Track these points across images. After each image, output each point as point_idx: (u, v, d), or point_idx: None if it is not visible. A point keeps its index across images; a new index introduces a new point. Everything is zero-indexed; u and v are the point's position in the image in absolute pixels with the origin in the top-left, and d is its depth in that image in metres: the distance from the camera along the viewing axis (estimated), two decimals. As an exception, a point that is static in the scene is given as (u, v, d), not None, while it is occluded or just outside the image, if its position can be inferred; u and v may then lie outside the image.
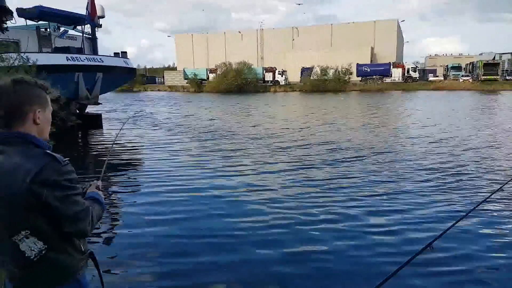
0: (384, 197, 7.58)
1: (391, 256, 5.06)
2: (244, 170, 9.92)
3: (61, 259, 1.63)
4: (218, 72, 68.23)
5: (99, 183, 2.05)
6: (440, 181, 8.59)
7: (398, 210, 6.81)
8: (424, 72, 71.12)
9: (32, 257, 1.57)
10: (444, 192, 7.79)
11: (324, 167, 10.10)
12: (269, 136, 15.55)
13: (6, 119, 1.57)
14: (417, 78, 63.62)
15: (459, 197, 7.44)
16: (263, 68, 71.66)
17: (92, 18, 19.04)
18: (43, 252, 1.58)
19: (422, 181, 8.57)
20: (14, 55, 9.77)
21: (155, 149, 13.26)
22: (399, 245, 5.42)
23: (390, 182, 8.62)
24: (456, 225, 2.70)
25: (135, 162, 11.75)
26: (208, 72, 72.61)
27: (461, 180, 8.61)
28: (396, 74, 63.58)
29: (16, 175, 1.49)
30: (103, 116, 20.80)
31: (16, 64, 9.59)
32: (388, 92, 52.98)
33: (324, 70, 63.56)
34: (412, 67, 64.76)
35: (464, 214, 2.71)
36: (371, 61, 74.66)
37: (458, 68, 66.75)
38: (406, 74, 63.34)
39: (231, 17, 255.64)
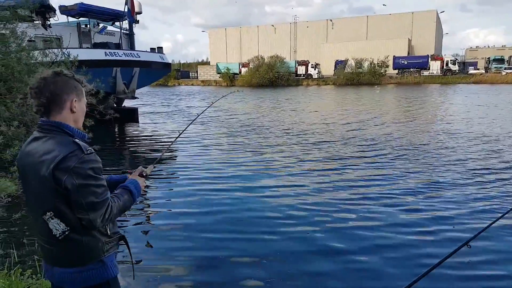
0: (421, 193, 7.39)
1: (426, 254, 4.96)
2: (277, 165, 9.88)
3: (85, 241, 1.73)
4: (250, 66, 68.31)
5: (148, 170, 2.13)
6: (480, 178, 8.29)
7: (435, 208, 6.62)
8: (464, 65, 68.09)
9: (58, 236, 1.69)
10: (483, 189, 7.52)
11: (359, 163, 9.92)
12: (303, 131, 15.42)
13: (47, 105, 1.73)
14: (457, 71, 60.78)
15: (499, 194, 7.16)
16: (295, 61, 71.06)
17: (132, 14, 19.53)
18: (66, 233, 1.70)
19: (460, 179, 8.29)
20: (57, 50, 10.18)
21: (191, 142, 13.42)
22: (435, 242, 5.31)
23: (427, 178, 8.41)
24: (495, 223, 2.63)
25: (171, 156, 12.01)
26: (240, 66, 72.88)
27: (502, 178, 8.26)
28: (435, 67, 61.08)
29: (45, 160, 1.63)
30: (144, 110, 21.34)
31: (58, 59, 9.98)
32: (426, 86, 51.21)
33: (359, 63, 62.24)
34: (451, 60, 61.86)
35: (504, 212, 2.62)
36: (408, 53, 72.22)
37: (500, 60, 63.27)
38: (445, 67, 60.68)
39: (265, 11, 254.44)
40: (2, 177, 5.35)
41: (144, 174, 2.06)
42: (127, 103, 21.44)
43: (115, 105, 18.37)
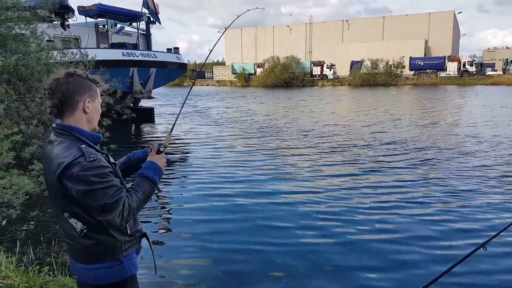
0: (438, 195, 7.29)
1: (442, 255, 4.91)
2: (294, 170, 9.66)
3: (102, 239, 1.74)
4: (265, 67, 68.29)
5: (166, 142, 2.11)
6: (497, 182, 8.12)
7: (452, 210, 6.54)
8: (481, 66, 66.62)
9: (78, 232, 1.72)
10: (500, 193, 7.36)
11: (379, 168, 9.69)
12: (320, 133, 15.26)
13: (60, 106, 1.73)
14: (474, 72, 59.41)
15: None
16: (311, 62, 70.76)
17: (156, 13, 19.71)
18: (84, 231, 1.72)
19: (478, 182, 8.15)
20: (75, 50, 10.32)
21: (209, 143, 13.43)
22: (451, 244, 5.25)
23: (446, 180, 8.27)
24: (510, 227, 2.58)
25: (190, 157, 12.06)
26: (255, 66, 72.94)
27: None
28: (452, 68, 60.02)
29: (54, 165, 1.65)
30: (164, 110, 21.48)
31: (76, 59, 10.12)
32: (442, 87, 50.39)
33: (374, 64, 61.64)
34: (468, 61, 60.47)
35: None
36: (424, 54, 71.27)
37: (518, 62, 61.79)
38: (462, 68, 59.57)
39: (280, 11, 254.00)
40: (21, 175, 5.41)
41: (162, 149, 2.00)
42: (144, 103, 21.65)
43: (131, 105, 18.56)
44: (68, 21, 16.64)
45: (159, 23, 20.73)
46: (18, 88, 7.48)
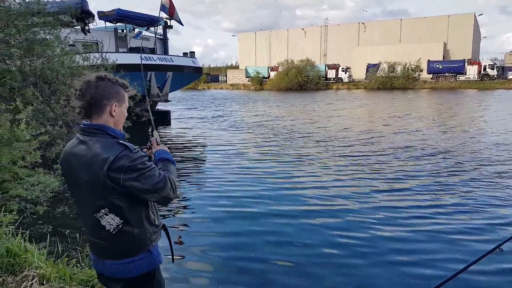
0: (453, 197, 7.30)
1: (456, 257, 4.96)
2: (310, 176, 9.40)
3: (136, 232, 1.85)
4: (279, 70, 68.34)
5: (158, 138, 2.24)
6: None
7: (467, 211, 6.62)
8: (503, 70, 65.35)
9: (111, 231, 1.82)
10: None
11: (401, 178, 9.23)
12: (336, 139, 14.96)
13: (88, 108, 1.83)
14: (495, 76, 58.22)
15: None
16: (325, 65, 70.55)
17: (171, 14, 19.95)
18: (120, 226, 1.82)
19: (494, 188, 8.12)
20: (97, 54, 10.65)
21: (229, 149, 13.29)
22: (467, 245, 5.31)
23: (461, 184, 8.27)
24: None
25: (199, 162, 12.24)
26: (269, 70, 73.06)
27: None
28: (471, 71, 58.93)
29: (96, 163, 1.74)
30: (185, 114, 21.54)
31: (98, 63, 10.43)
32: (462, 91, 49.47)
33: (391, 67, 60.95)
34: (489, 64, 59.27)
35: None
36: (443, 57, 70.16)
37: (542, 65, 60.41)
38: (482, 72, 58.44)
39: (295, 14, 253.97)
40: (46, 173, 5.67)
41: (158, 143, 2.15)
42: (160, 106, 22.01)
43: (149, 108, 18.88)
44: (88, 26, 17.09)
45: (181, 24, 21.01)
46: (44, 91, 7.78)
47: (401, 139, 14.22)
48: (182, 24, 20.70)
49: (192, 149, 13.84)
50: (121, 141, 1.81)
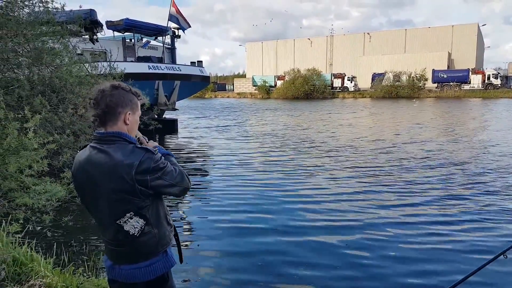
0: (458, 204, 7.23)
1: (461, 264, 4.96)
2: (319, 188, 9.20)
3: (156, 232, 1.92)
4: (286, 79, 68.59)
5: (139, 135, 2.18)
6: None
7: (471, 220, 6.59)
8: (507, 79, 65.11)
9: (136, 234, 1.86)
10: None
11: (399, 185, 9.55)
12: (345, 149, 14.75)
13: (102, 117, 1.87)
14: (499, 85, 58.20)
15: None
16: (331, 74, 70.73)
17: (187, 25, 20.22)
18: (143, 227, 1.87)
19: (499, 196, 8.05)
20: (105, 64, 10.72)
21: (242, 158, 13.24)
22: (471, 252, 5.31)
23: (467, 189, 8.16)
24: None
25: (207, 170, 12.20)
26: (276, 79, 73.36)
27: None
28: (476, 81, 58.85)
29: (122, 169, 1.77)
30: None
31: (106, 72, 10.50)
32: (466, 100, 49.30)
33: (397, 76, 61.06)
34: (493, 74, 59.27)
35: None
36: (448, 67, 70.21)
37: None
38: (486, 81, 58.45)
39: (302, 24, 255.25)
40: (53, 182, 5.66)
41: (147, 140, 2.12)
42: (167, 114, 22.12)
43: (156, 116, 19.02)
44: (96, 35, 17.29)
45: (177, 37, 21.28)
46: (52, 100, 7.81)
47: (413, 149, 14.07)
48: (185, 28, 20.93)
49: (198, 157, 13.84)
50: (139, 146, 1.87)
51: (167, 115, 22.04)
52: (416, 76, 60.50)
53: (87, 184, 1.89)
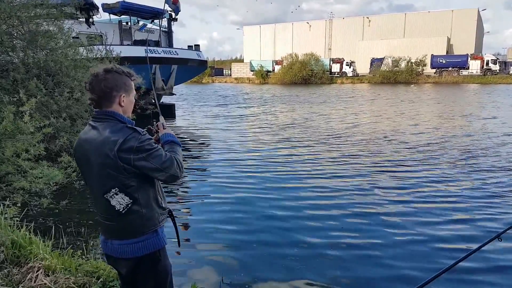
0: (454, 188, 7.26)
1: (456, 247, 5.00)
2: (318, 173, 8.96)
3: (144, 212, 1.95)
4: (284, 64, 68.13)
5: (162, 120, 2.30)
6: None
7: (468, 201, 6.64)
8: (505, 65, 64.91)
9: (121, 210, 1.91)
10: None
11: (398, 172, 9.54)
12: (347, 136, 14.47)
13: (98, 101, 1.95)
14: (497, 71, 58.00)
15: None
16: (330, 59, 70.26)
17: (175, 2, 19.87)
18: (129, 205, 1.92)
19: (496, 178, 8.12)
20: (101, 47, 10.59)
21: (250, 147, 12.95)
22: (466, 236, 5.35)
23: (465, 175, 8.20)
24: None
25: (207, 161, 12.16)
26: (274, 64, 72.81)
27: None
28: (474, 66, 58.67)
29: (106, 145, 1.85)
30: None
31: (102, 55, 10.37)
32: (465, 85, 49.17)
33: (396, 61, 60.80)
34: (492, 59, 59.10)
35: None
36: (447, 52, 69.82)
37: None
38: (485, 67, 58.24)
39: (301, 8, 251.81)
40: (50, 166, 5.65)
41: (164, 127, 2.22)
42: (165, 99, 21.98)
43: (153, 101, 18.88)
44: (92, 18, 17.04)
45: (174, 20, 21.00)
46: (47, 83, 7.73)
47: (416, 138, 14.10)
48: (176, 13, 20.63)
49: (196, 141, 13.81)
50: (129, 126, 1.92)
51: (165, 99, 21.89)
52: (415, 62, 60.24)
53: (83, 159, 1.98)
